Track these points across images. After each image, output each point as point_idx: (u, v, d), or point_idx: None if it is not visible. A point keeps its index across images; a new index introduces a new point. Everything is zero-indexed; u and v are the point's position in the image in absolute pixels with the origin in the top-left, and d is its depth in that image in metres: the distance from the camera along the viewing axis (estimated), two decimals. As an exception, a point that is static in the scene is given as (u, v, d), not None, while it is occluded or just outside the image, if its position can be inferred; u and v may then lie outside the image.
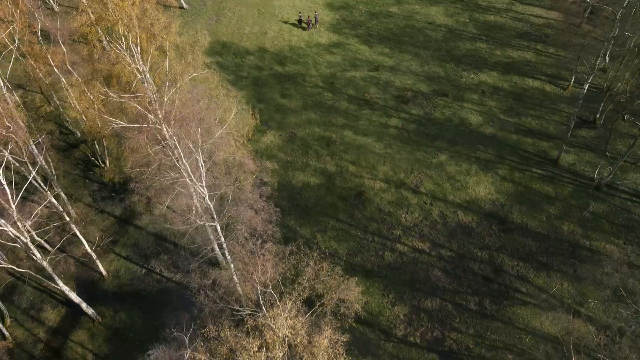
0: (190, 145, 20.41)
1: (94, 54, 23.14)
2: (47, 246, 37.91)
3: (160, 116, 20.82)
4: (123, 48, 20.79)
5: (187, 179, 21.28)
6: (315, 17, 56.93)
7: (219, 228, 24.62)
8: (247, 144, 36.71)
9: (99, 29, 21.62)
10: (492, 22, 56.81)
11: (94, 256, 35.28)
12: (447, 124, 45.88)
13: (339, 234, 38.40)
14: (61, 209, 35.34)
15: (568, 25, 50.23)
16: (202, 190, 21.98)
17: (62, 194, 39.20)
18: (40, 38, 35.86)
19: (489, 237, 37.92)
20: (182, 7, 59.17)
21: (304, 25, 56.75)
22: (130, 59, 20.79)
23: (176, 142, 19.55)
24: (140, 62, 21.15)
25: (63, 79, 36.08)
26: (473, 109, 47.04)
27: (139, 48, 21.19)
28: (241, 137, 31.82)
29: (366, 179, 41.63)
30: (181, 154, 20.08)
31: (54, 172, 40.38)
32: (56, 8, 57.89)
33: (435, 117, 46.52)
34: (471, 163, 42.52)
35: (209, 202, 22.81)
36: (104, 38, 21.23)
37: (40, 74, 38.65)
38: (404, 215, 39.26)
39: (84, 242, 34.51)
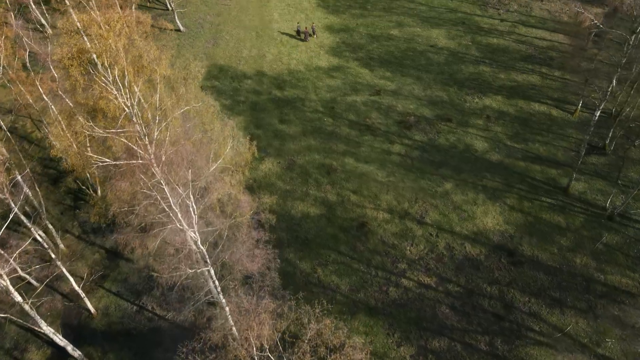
0: (181, 191, 18.74)
1: (77, 88, 21.69)
2: (34, 282, 35.95)
3: (150, 155, 19.16)
4: (109, 81, 19.22)
5: (178, 225, 19.58)
6: (312, 28, 56.83)
7: (212, 273, 22.82)
8: (244, 178, 34.90)
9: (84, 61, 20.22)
10: (495, 45, 55.63)
11: (82, 294, 33.34)
12: (452, 150, 44.31)
13: (340, 267, 36.53)
14: (47, 245, 33.49)
15: (574, 48, 48.96)
16: (194, 235, 20.28)
17: (50, 226, 37.39)
18: (28, 64, 34.39)
19: (499, 270, 36.07)
20: (179, 30, 57.97)
21: (302, 35, 56.70)
22: (117, 94, 19.23)
23: (164, 188, 17.87)
24: (127, 97, 19.59)
25: (52, 107, 34.52)
26: (478, 135, 45.52)
27: (126, 81, 19.63)
28: (237, 171, 30.02)
29: (369, 209, 39.89)
30: (171, 202, 18.39)
31: (42, 203, 38.67)
32: (49, 31, 56.79)
33: (439, 143, 44.96)
34: (478, 192, 40.83)
35: (202, 247, 21.10)
36: (89, 69, 19.73)
37: (30, 100, 37.19)
38: (408, 248, 37.43)
39: (71, 280, 32.61)
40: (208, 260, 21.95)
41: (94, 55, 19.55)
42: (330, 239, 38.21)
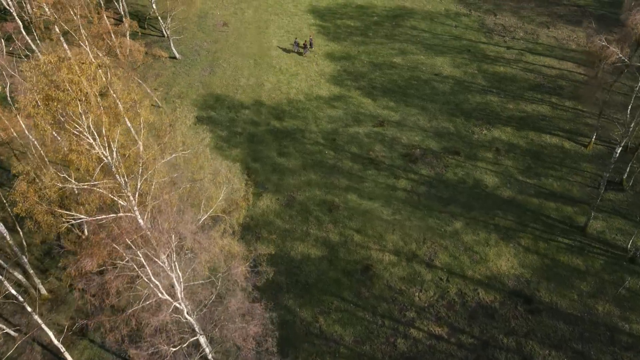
0: (161, 263, 16.22)
1: (45, 138, 19.39)
2: (12, 333, 33.12)
3: (133, 208, 16.65)
4: (85, 129, 16.83)
5: (160, 296, 17.02)
6: (310, 41, 55.97)
7: (203, 341, 20.12)
8: (238, 228, 32.34)
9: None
10: (502, 74, 53.64)
11: (62, 349, 30.44)
12: (461, 185, 41.86)
13: (344, 316, 33.75)
14: (27, 290, 30.72)
15: (588, 78, 46.98)
16: (179, 305, 17.72)
17: (31, 270, 34.66)
18: (9, 96, 32.12)
19: (515, 320, 33.31)
20: (174, 58, 55.93)
21: (300, 49, 56.08)
22: (92, 143, 16.85)
23: (142, 260, 15.37)
24: (105, 146, 17.22)
25: (34, 142, 32.07)
26: (488, 169, 43.13)
27: (103, 129, 17.28)
28: (231, 218, 27.47)
29: (374, 250, 37.26)
30: (150, 275, 15.86)
31: (24, 243, 36.11)
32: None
33: (447, 178, 42.53)
34: (490, 231, 38.27)
35: (189, 317, 18.50)
36: (58, 118, 17.41)
37: (14, 133, 34.91)
38: (417, 294, 34.71)
39: (50, 334, 29.71)
40: (197, 329, 19.31)
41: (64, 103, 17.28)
42: (332, 283, 35.49)
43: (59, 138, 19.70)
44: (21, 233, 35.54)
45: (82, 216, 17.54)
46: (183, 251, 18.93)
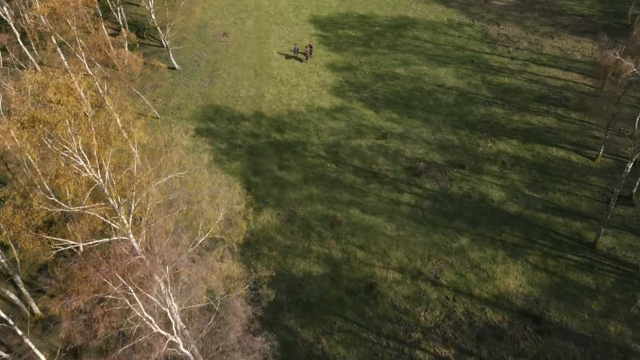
0: (154, 298, 15.15)
1: (33, 160, 18.37)
2: (3, 354, 31.98)
3: (127, 231, 15.61)
4: (75, 151, 15.83)
5: (154, 330, 15.95)
6: (310, 47, 55.79)
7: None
8: (238, 249, 31.19)
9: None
10: (506, 85, 52.75)
11: (53, 374, 29.30)
12: (466, 200, 40.83)
13: (347, 337, 32.60)
14: (19, 309, 29.59)
15: (591, 89, 46.10)
16: (175, 339, 16.65)
17: (24, 290, 33.54)
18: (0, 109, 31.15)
19: (524, 341, 32.16)
20: (173, 68, 55.07)
21: (300, 56, 56.15)
22: (80, 168, 15.84)
23: (134, 295, 14.31)
24: (92, 171, 16.19)
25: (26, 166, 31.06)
26: (494, 183, 42.12)
27: (95, 152, 16.28)
28: (232, 237, 26.37)
29: (377, 267, 36.17)
30: (143, 311, 14.81)
31: (17, 260, 35.02)
32: (38, 69, 53.83)
33: (452, 192, 41.50)
34: (497, 248, 37.20)
35: (185, 351, 17.40)
36: (45, 141, 16.42)
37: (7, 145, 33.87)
38: (422, 314, 33.58)
39: (42, 357, 28.57)
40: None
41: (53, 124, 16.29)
42: (335, 302, 34.37)
43: (47, 161, 18.69)
44: (14, 250, 34.44)
45: (73, 242, 16.52)
46: (179, 280, 17.86)
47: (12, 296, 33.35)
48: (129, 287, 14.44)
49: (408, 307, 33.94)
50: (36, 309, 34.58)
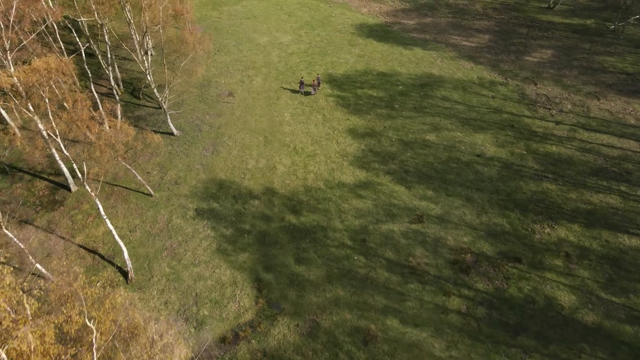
0: None
1: None
2: None
3: None
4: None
5: None
6: (317, 79, 53.02)
7: None
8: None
9: None
10: (555, 155, 45.67)
11: None
12: (529, 306, 32.94)
13: None
14: None
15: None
16: None
17: None
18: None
19: None
20: (171, 134, 48.15)
21: (307, 89, 52.27)
22: None
23: None
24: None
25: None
26: (560, 282, 34.36)
27: None
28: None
29: (428, 405, 27.96)
30: None
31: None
32: (17, 133, 47.06)
33: (510, 295, 33.67)
34: (579, 377, 29.10)
35: None
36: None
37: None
38: None
39: None
40: None
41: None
42: None
43: None
44: None
45: None
46: None
47: None
48: None
49: None
50: None
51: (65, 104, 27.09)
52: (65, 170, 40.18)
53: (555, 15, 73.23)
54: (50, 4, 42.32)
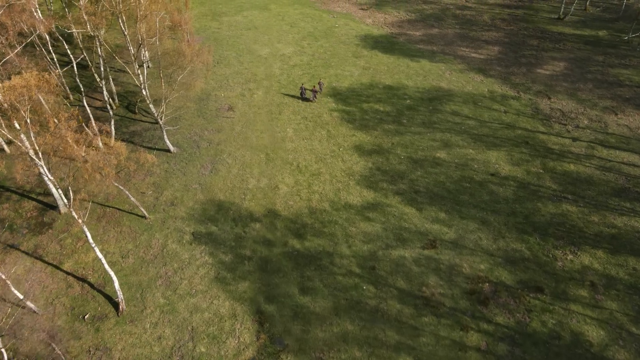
0: None
1: None
2: None
3: None
4: None
5: None
6: (320, 85, 52.06)
7: None
8: None
9: None
10: (574, 174, 43.16)
11: None
12: (555, 343, 30.26)
13: None
14: None
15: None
16: None
17: None
18: None
19: None
20: (168, 151, 45.67)
21: (308, 94, 51.16)
22: None
23: None
24: None
25: None
26: (587, 316, 31.70)
27: None
28: None
29: None
30: None
31: None
32: (6, 149, 44.72)
33: (533, 330, 30.99)
34: None
35: None
36: None
37: None
38: None
39: None
40: None
41: None
42: None
43: None
44: None
45: None
46: None
47: None
48: None
49: None
50: None
51: (48, 123, 24.65)
52: (54, 190, 37.66)
53: (566, 26, 71.06)
54: (40, 14, 39.99)
